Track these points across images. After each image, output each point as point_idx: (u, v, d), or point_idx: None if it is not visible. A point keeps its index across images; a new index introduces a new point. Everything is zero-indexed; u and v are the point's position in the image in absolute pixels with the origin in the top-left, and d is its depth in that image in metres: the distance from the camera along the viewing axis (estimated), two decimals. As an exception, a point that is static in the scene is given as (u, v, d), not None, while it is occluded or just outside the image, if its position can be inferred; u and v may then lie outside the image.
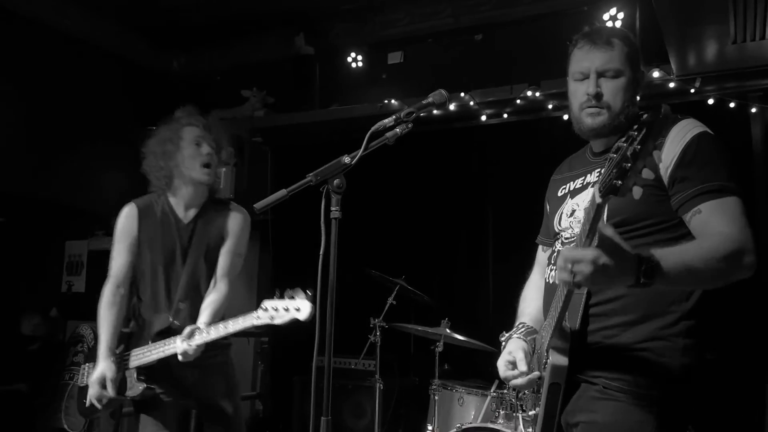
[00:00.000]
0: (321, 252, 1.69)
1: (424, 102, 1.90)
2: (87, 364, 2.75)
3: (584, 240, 1.40)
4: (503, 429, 2.96)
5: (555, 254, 1.89)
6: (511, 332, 1.95)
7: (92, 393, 2.54)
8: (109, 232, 5.52)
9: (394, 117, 1.84)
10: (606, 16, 4.37)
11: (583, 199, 1.80)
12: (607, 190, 1.26)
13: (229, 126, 5.52)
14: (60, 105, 5.10)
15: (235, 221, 2.70)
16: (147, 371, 2.53)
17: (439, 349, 3.55)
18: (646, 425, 1.57)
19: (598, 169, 1.79)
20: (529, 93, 4.39)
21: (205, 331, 2.40)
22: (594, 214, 1.34)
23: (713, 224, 1.57)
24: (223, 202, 2.78)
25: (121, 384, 2.56)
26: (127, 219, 2.69)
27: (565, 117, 4.40)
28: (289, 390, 4.82)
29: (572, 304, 1.65)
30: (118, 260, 2.68)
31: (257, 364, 5.65)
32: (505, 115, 4.59)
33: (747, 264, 1.54)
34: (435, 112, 4.71)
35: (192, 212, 2.70)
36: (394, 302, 3.95)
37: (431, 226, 4.72)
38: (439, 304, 4.00)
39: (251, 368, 5.72)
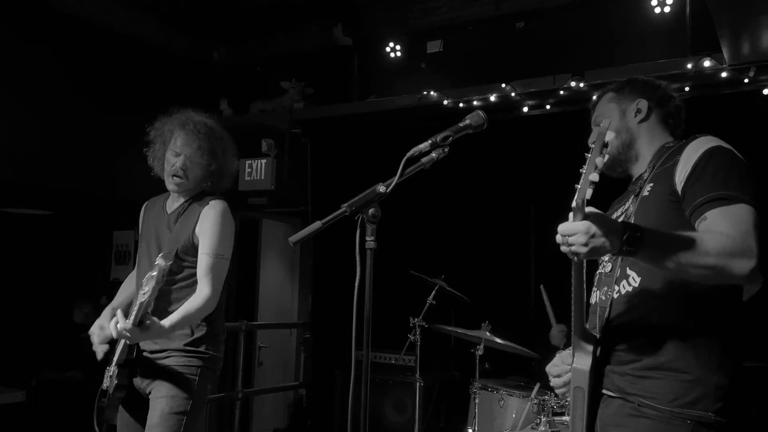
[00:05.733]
0: (357, 284, 1.67)
1: (461, 125, 1.84)
2: (108, 368, 2.65)
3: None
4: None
5: (597, 277, 1.93)
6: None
7: (95, 339, 2.50)
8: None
9: (430, 141, 1.79)
10: (654, 2, 4.20)
11: None
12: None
13: (268, 117, 5.59)
14: (104, 100, 5.19)
15: (205, 219, 2.52)
16: (129, 364, 2.46)
17: (480, 352, 3.53)
18: None
19: (632, 197, 1.86)
20: (573, 83, 4.26)
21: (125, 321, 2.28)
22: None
23: (716, 226, 1.58)
24: (206, 197, 2.61)
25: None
26: (141, 215, 2.78)
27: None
28: (330, 382, 4.88)
29: (597, 314, 1.78)
30: (137, 253, 2.77)
31: (299, 353, 5.74)
32: (548, 107, 4.48)
33: (740, 270, 1.52)
34: (475, 103, 4.64)
35: (176, 205, 2.64)
36: (434, 302, 3.94)
37: (471, 223, 4.67)
38: (478, 304, 3.98)
39: (294, 358, 5.83)
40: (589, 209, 1.46)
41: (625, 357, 1.70)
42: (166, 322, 2.36)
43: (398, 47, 5.14)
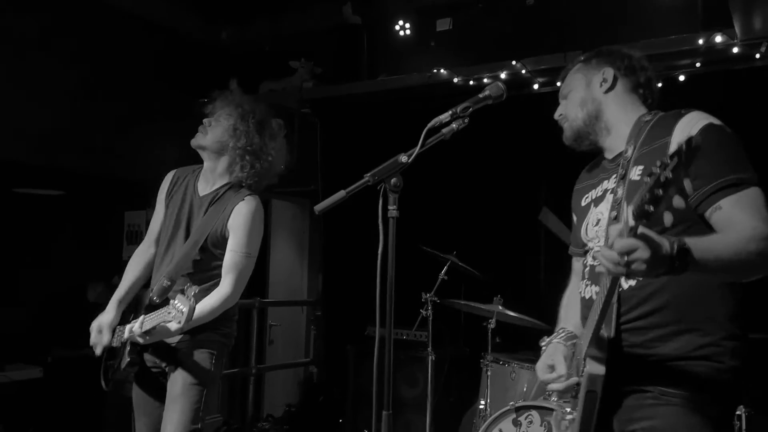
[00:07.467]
0: (380, 251, 1.71)
1: (480, 96, 1.87)
2: (119, 327, 2.61)
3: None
4: (556, 407, 2.97)
5: (587, 269, 1.87)
6: (551, 337, 1.96)
7: (91, 338, 2.52)
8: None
9: (450, 112, 1.82)
10: (666, -23, 4.18)
11: (606, 207, 1.81)
12: (640, 214, 1.30)
13: (277, 97, 5.59)
14: (114, 81, 5.21)
15: (238, 215, 2.47)
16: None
17: (492, 326, 3.58)
18: (704, 428, 1.61)
19: (614, 175, 1.81)
20: (584, 60, 4.26)
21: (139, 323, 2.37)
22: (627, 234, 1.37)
23: (737, 218, 1.55)
24: (243, 189, 2.56)
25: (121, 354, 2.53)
26: (163, 183, 2.72)
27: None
28: (342, 358, 4.93)
29: (607, 314, 1.67)
30: (154, 222, 2.71)
31: (310, 330, 5.80)
32: (559, 84, 4.46)
33: None
34: (485, 80, 4.64)
35: (210, 189, 2.59)
36: (446, 277, 3.98)
37: (483, 200, 4.69)
38: (490, 279, 4.01)
39: (304, 335, 5.89)
40: (641, 230, 1.34)
41: (642, 350, 1.67)
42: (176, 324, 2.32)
43: (408, 25, 5.13)
